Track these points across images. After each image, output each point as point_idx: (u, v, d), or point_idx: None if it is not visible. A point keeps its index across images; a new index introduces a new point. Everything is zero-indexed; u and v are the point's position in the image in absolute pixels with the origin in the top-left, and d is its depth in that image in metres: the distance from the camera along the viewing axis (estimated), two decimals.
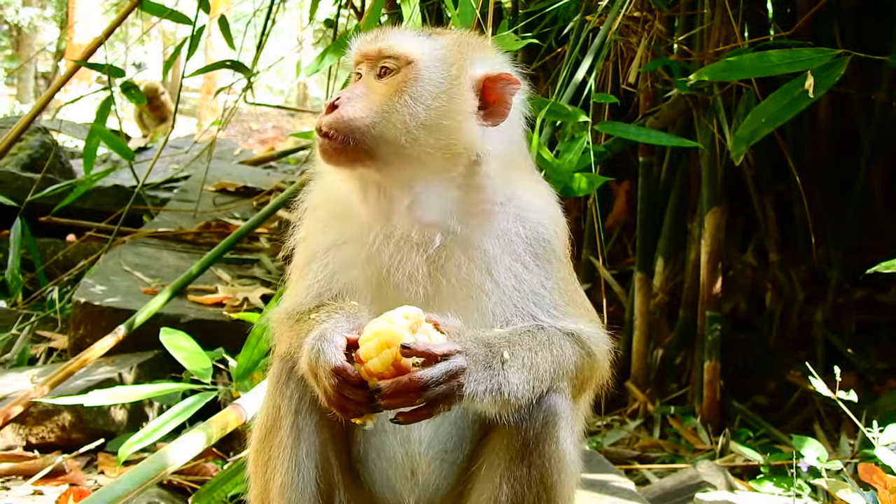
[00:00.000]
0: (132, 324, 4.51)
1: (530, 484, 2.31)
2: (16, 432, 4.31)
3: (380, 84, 2.39)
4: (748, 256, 6.49)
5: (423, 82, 2.39)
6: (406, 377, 2.08)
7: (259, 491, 2.48)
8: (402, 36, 2.46)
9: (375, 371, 2.09)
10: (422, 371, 2.09)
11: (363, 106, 2.35)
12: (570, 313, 2.47)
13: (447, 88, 2.40)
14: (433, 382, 2.09)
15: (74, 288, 6.03)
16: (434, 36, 2.48)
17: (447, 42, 2.47)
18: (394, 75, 2.39)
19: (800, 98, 3.61)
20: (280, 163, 12.21)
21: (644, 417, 5.51)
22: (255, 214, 5.68)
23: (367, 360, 2.10)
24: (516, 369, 2.21)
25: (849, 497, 3.22)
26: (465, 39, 2.53)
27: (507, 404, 2.22)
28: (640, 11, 4.71)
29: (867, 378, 5.68)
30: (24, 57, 24.88)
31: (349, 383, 2.14)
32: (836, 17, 5.88)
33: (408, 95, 2.36)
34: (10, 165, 8.55)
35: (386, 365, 2.09)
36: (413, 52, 2.41)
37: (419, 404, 2.10)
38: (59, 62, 22.35)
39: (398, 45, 2.41)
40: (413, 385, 2.08)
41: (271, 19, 7.17)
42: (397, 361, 2.09)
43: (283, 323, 2.51)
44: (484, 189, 2.43)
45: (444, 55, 2.43)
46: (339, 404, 2.18)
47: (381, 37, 2.45)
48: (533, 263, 2.45)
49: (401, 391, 2.08)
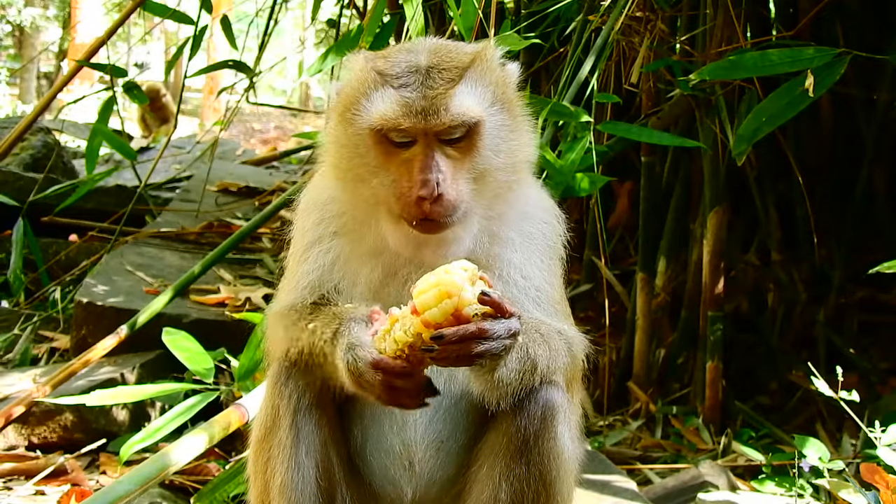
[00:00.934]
0: (134, 324, 4.52)
1: (529, 481, 2.32)
2: (18, 432, 4.31)
3: (453, 151, 2.33)
4: (750, 256, 6.49)
5: (494, 131, 2.38)
6: (474, 325, 2.06)
7: (259, 491, 2.48)
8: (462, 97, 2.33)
9: (433, 321, 2.05)
10: (489, 323, 2.08)
11: (461, 185, 2.32)
12: (560, 313, 2.54)
13: (511, 120, 2.43)
14: (496, 336, 2.09)
15: (76, 288, 6.03)
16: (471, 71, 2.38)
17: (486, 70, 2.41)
18: (466, 140, 2.34)
19: (800, 97, 3.61)
20: (282, 163, 12.22)
21: (646, 417, 5.50)
22: (258, 214, 5.67)
23: (424, 311, 2.06)
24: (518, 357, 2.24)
25: (851, 497, 3.23)
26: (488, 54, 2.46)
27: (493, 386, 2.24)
28: (643, 11, 4.70)
29: (869, 378, 5.67)
30: (26, 57, 24.88)
31: (393, 373, 2.14)
32: (839, 17, 5.87)
33: (489, 151, 2.36)
34: (12, 165, 8.57)
35: (446, 315, 2.05)
36: (477, 112, 2.34)
37: (474, 353, 2.08)
38: (62, 62, 22.35)
39: (466, 112, 2.31)
40: (480, 334, 2.07)
41: (273, 19, 7.19)
42: (458, 311, 2.06)
43: (279, 322, 2.51)
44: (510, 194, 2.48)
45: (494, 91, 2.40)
46: (393, 399, 2.19)
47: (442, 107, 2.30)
48: (539, 261, 2.51)
49: (466, 338, 2.06)
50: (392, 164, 2.34)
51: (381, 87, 2.35)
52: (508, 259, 2.48)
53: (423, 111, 2.28)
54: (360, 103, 2.36)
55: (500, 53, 2.53)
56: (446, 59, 2.38)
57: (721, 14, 4.84)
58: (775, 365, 5.98)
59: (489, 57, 2.46)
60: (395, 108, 2.30)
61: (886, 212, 6.24)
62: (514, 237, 2.51)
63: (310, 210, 2.62)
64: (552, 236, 2.57)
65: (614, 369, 5.83)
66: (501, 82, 2.44)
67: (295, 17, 30.85)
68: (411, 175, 2.29)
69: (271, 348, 2.59)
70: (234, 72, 7.28)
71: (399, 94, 2.31)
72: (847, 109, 6.18)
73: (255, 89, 7.10)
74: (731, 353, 5.52)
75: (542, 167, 3.80)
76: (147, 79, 18.20)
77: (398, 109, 2.30)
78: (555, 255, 2.58)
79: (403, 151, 2.33)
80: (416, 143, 2.32)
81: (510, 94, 2.47)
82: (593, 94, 4.19)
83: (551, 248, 2.57)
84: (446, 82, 2.32)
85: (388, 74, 2.35)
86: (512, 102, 2.46)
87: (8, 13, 24.62)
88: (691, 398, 5.55)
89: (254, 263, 6.56)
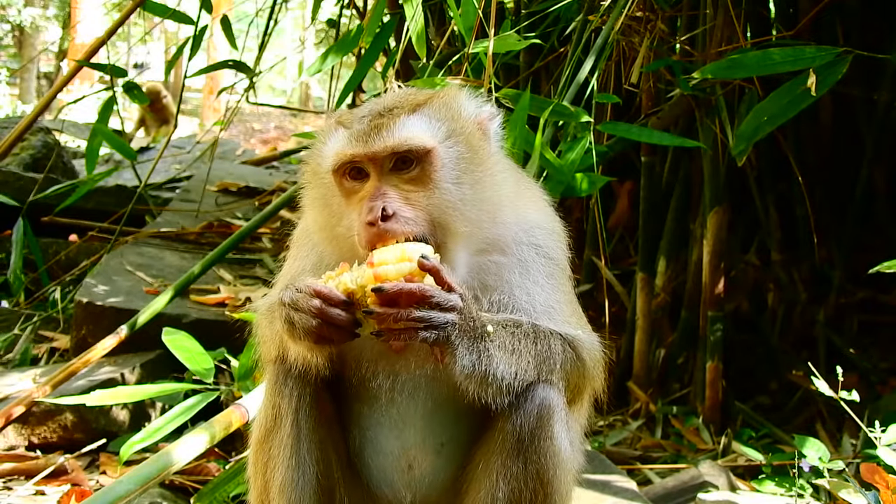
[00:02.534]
0: (134, 324, 4.52)
1: (527, 479, 2.32)
2: (18, 432, 4.31)
3: (407, 184, 2.34)
4: (750, 256, 6.49)
5: (451, 163, 2.39)
6: (415, 284, 2.11)
7: (259, 491, 2.49)
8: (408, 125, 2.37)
9: (385, 276, 2.10)
10: (430, 287, 2.13)
11: (415, 209, 2.31)
12: (571, 322, 2.54)
13: (471, 154, 2.43)
14: (436, 303, 2.13)
15: (76, 288, 6.04)
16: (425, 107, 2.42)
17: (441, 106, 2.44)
18: (418, 170, 2.35)
19: (801, 96, 3.62)
20: (282, 163, 12.21)
21: (646, 417, 5.50)
22: (258, 214, 5.68)
23: (379, 265, 2.12)
24: (498, 346, 2.25)
25: (851, 497, 3.22)
26: (447, 94, 2.51)
27: (484, 378, 2.24)
28: (643, 11, 4.70)
29: (869, 378, 5.67)
30: (26, 57, 24.87)
31: (332, 303, 2.16)
32: (839, 16, 5.87)
33: (448, 184, 2.36)
34: (12, 165, 8.56)
35: (400, 275, 2.11)
36: (424, 140, 2.36)
37: (410, 323, 2.11)
38: (62, 62, 22.35)
39: (410, 138, 2.34)
40: (418, 293, 2.11)
41: (273, 19, 7.18)
42: (410, 276, 2.11)
43: (265, 317, 2.53)
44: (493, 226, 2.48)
45: (450, 125, 2.41)
46: (319, 334, 2.20)
47: (385, 132, 2.34)
48: (544, 280, 2.52)
49: (404, 295, 2.10)
50: (352, 205, 2.37)
51: (336, 130, 2.43)
52: (508, 280, 2.48)
53: (366, 137, 2.34)
54: (321, 151, 2.45)
55: (470, 95, 2.55)
56: (404, 101, 2.44)
57: (721, 14, 4.84)
58: (775, 365, 5.98)
59: (450, 95, 2.50)
60: (342, 142, 2.38)
61: (886, 212, 6.24)
62: (512, 262, 2.50)
63: (301, 244, 2.67)
64: (555, 255, 2.58)
65: (614, 369, 5.83)
66: (461, 118, 2.45)
67: (295, 17, 30.87)
68: (364, 206, 2.31)
69: (262, 349, 2.60)
70: (234, 72, 7.27)
71: (348, 131, 2.39)
72: (847, 109, 6.18)
73: (255, 89, 7.10)
74: (731, 353, 5.52)
75: (543, 167, 3.80)
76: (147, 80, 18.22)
77: (345, 142, 2.37)
78: (559, 272, 2.58)
79: (359, 188, 2.36)
80: (370, 178, 2.35)
81: (471, 129, 2.46)
82: (593, 94, 4.19)
83: (554, 265, 2.57)
84: (394, 115, 2.37)
85: (345, 121, 2.44)
86: (473, 137, 2.45)
87: (8, 13, 24.63)
88: (691, 398, 5.55)
89: (254, 263, 6.57)
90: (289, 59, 20.28)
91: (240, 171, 10.42)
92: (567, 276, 2.62)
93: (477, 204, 2.40)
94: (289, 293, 2.25)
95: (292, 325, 2.22)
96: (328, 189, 2.44)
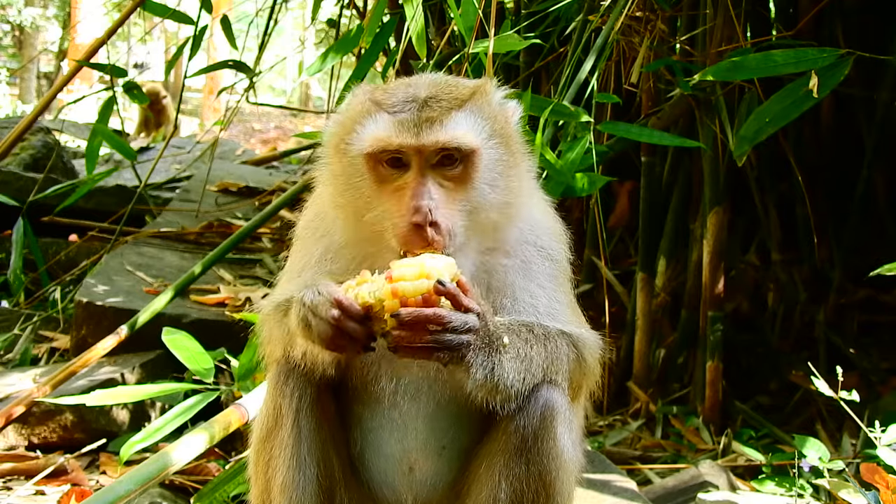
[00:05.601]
0: (134, 324, 4.52)
1: (529, 481, 2.32)
2: (18, 432, 4.31)
3: (447, 181, 2.30)
4: (750, 256, 6.49)
5: (490, 165, 2.36)
6: (432, 310, 2.09)
7: (260, 491, 2.49)
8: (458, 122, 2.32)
9: (403, 293, 2.09)
10: (447, 311, 2.12)
11: (454, 217, 2.27)
12: (572, 320, 2.53)
13: (508, 157, 2.41)
14: (451, 328, 2.12)
15: (76, 288, 6.04)
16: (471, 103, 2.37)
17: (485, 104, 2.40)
18: (461, 169, 2.31)
19: (804, 98, 3.61)
20: (282, 163, 12.22)
21: (646, 417, 5.50)
22: (258, 214, 5.68)
23: (397, 281, 2.10)
24: (511, 357, 2.24)
25: (851, 497, 3.22)
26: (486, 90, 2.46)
27: (495, 389, 2.24)
28: (643, 11, 4.71)
29: (869, 378, 5.67)
30: (26, 57, 24.90)
31: (351, 315, 2.14)
32: (839, 16, 5.87)
33: (484, 185, 2.34)
34: (12, 165, 8.56)
35: (417, 293, 2.09)
36: (473, 141, 2.32)
37: (425, 343, 2.11)
38: (62, 62, 22.36)
39: (461, 137, 2.29)
40: (435, 318, 2.10)
41: (273, 19, 7.18)
42: (428, 295, 2.10)
43: (272, 317, 2.51)
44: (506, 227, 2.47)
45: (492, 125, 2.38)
46: (334, 342, 2.18)
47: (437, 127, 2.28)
48: (547, 282, 2.51)
49: (421, 321, 2.09)
50: (385, 193, 2.31)
51: (376, 113, 2.34)
52: (511, 283, 2.47)
53: (416, 129, 2.27)
54: (354, 131, 2.35)
55: (501, 92, 2.52)
56: (445, 91, 2.37)
57: (721, 14, 4.84)
58: (775, 365, 5.98)
59: (489, 91, 2.46)
60: (387, 129, 2.29)
61: (887, 212, 6.24)
62: (516, 263, 2.49)
63: (307, 236, 2.62)
64: (557, 257, 2.57)
65: (614, 369, 5.83)
66: (501, 118, 2.43)
67: (295, 17, 30.85)
68: (403, 202, 2.26)
69: (267, 348, 2.59)
70: (234, 72, 7.27)
71: (393, 117, 2.30)
72: (847, 109, 6.18)
73: (255, 89, 7.09)
74: (730, 353, 5.52)
75: (543, 167, 3.80)
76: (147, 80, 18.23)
77: (391, 129, 2.29)
78: (561, 273, 2.57)
79: (397, 178, 2.30)
80: (410, 169, 2.29)
81: (510, 131, 2.45)
82: (593, 94, 4.19)
83: (557, 267, 2.56)
84: (443, 109, 2.31)
85: (384, 103, 2.35)
86: (511, 139, 2.44)
87: (8, 13, 24.63)
88: (691, 398, 5.55)
89: (254, 263, 6.56)
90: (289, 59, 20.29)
91: (240, 171, 10.42)
92: (568, 277, 2.62)
93: (503, 207, 2.39)
94: (310, 294, 2.21)
95: (308, 327, 2.20)
96: (356, 171, 2.36)
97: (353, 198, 2.38)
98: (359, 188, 2.36)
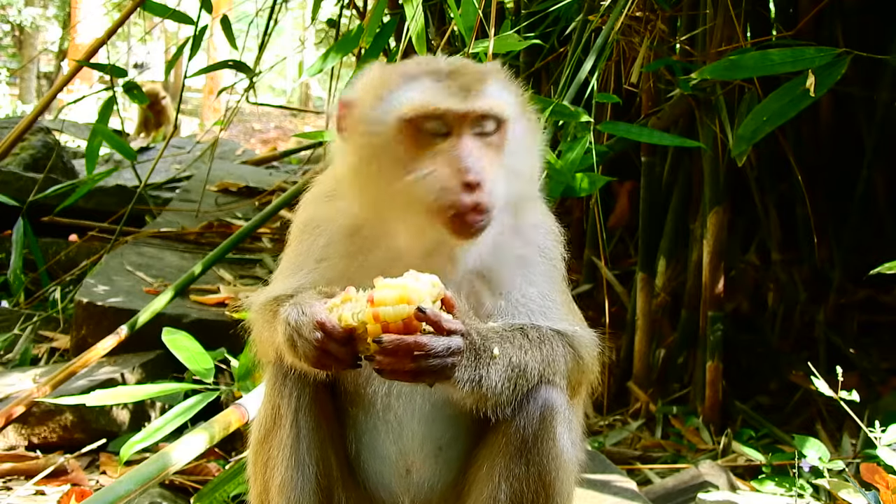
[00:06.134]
0: (134, 324, 4.52)
1: (528, 481, 2.30)
2: (18, 432, 4.31)
3: (484, 145, 2.27)
4: (750, 256, 6.49)
5: (519, 135, 2.38)
6: (413, 338, 2.06)
7: (259, 491, 2.48)
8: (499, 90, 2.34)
9: (384, 318, 2.07)
10: (428, 338, 2.08)
11: (496, 178, 2.26)
12: (567, 319, 2.51)
13: (529, 131, 2.44)
14: (434, 353, 2.09)
15: (76, 288, 6.03)
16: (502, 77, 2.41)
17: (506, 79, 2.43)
18: (493, 135, 2.30)
19: (801, 97, 3.61)
20: (282, 163, 12.23)
21: (646, 417, 5.50)
22: (258, 214, 5.67)
23: (378, 306, 2.07)
24: (502, 367, 2.22)
25: (851, 497, 3.22)
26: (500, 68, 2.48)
27: (483, 398, 2.22)
28: (643, 11, 4.71)
29: (869, 378, 5.67)
30: (26, 57, 24.90)
31: (334, 338, 2.13)
32: (839, 16, 5.87)
33: (513, 156, 2.34)
34: (12, 165, 8.56)
35: (398, 318, 2.07)
36: (508, 107, 2.33)
37: (409, 368, 2.09)
38: (62, 62, 22.37)
39: (500, 102, 2.30)
40: (417, 347, 2.07)
41: (273, 19, 7.19)
42: (409, 319, 2.07)
43: (261, 316, 2.50)
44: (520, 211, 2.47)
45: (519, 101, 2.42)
46: (320, 362, 2.17)
47: (480, 91, 2.28)
48: (544, 281, 2.50)
49: (402, 349, 2.06)
50: (424, 159, 2.25)
51: (410, 81, 2.32)
52: (511, 277, 2.45)
53: (462, 94, 2.26)
54: (384, 100, 2.31)
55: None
56: (470, 66, 2.39)
57: (721, 14, 4.84)
58: (775, 365, 5.98)
59: (504, 71, 2.49)
60: (433, 94, 2.26)
61: (887, 212, 6.24)
62: (517, 255, 2.48)
63: (306, 229, 2.57)
64: (554, 257, 2.56)
65: (614, 369, 5.83)
66: (519, 96, 2.46)
67: (295, 17, 30.86)
68: (453, 164, 2.21)
69: (259, 346, 2.58)
70: (234, 72, 7.27)
71: (437, 83, 2.29)
72: (847, 109, 6.18)
73: (255, 89, 7.09)
74: (730, 353, 5.52)
75: (542, 167, 3.79)
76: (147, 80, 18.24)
77: (437, 94, 2.26)
78: (557, 273, 2.56)
79: (437, 143, 2.25)
80: (451, 134, 2.25)
81: (528, 110, 2.49)
82: (593, 94, 4.19)
83: (552, 265, 2.55)
84: (479, 78, 2.31)
85: (412, 73, 2.34)
86: (531, 118, 2.48)
87: (8, 13, 24.63)
88: (691, 398, 5.55)
89: (254, 263, 6.56)
90: (289, 59, 20.28)
91: (240, 171, 10.42)
92: (564, 277, 2.60)
93: (525, 181, 2.43)
94: (294, 313, 2.18)
95: (294, 346, 2.19)
96: (386, 139, 2.29)
97: (386, 165, 2.30)
98: (393, 155, 2.29)
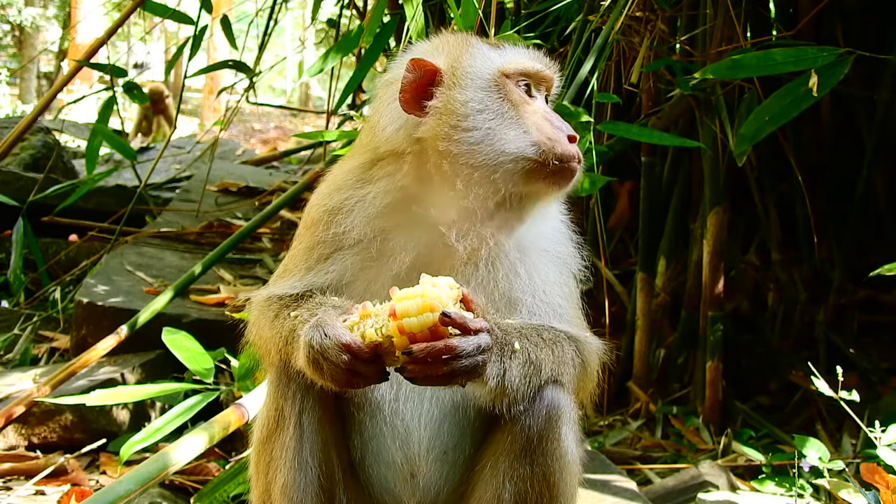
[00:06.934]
0: (134, 324, 4.52)
1: (533, 481, 2.31)
2: (18, 432, 4.31)
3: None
4: (750, 256, 6.49)
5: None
6: (442, 343, 2.08)
7: (261, 492, 2.47)
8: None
9: (409, 329, 2.07)
10: (458, 340, 2.09)
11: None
12: (579, 324, 2.55)
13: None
14: (465, 354, 2.10)
15: (76, 288, 6.04)
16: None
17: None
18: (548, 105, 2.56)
19: (803, 97, 3.62)
20: (282, 163, 12.23)
21: (646, 417, 5.50)
22: (258, 214, 5.68)
23: (402, 318, 2.08)
24: (521, 362, 2.23)
25: (851, 497, 3.23)
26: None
27: (502, 392, 2.23)
28: (643, 11, 4.71)
29: (869, 378, 5.67)
30: (26, 57, 24.88)
31: (361, 359, 2.13)
32: (839, 16, 5.87)
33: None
34: (12, 165, 8.56)
35: (423, 327, 2.07)
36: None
37: (442, 372, 2.10)
38: (62, 62, 22.35)
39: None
40: (447, 351, 2.08)
41: (273, 19, 7.18)
42: (434, 327, 2.08)
43: (263, 313, 2.50)
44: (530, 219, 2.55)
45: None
46: (349, 383, 2.18)
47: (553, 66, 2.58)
48: (560, 284, 2.53)
49: (434, 355, 2.07)
50: (525, 113, 2.45)
51: (500, 45, 2.56)
52: (530, 278, 2.48)
53: (544, 60, 2.56)
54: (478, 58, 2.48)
55: None
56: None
57: (721, 14, 4.84)
58: (775, 365, 5.98)
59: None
60: (524, 56, 2.52)
61: (887, 212, 6.24)
62: (538, 249, 2.53)
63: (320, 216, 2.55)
64: (570, 260, 2.60)
65: (614, 369, 5.83)
66: None
67: (295, 17, 30.89)
68: (548, 120, 2.44)
69: (259, 344, 2.57)
70: (234, 72, 7.27)
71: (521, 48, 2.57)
72: (847, 109, 6.18)
73: (255, 89, 7.09)
74: (731, 353, 5.52)
75: None
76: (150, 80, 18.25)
77: (528, 56, 2.53)
78: (571, 277, 2.59)
79: (526, 101, 2.46)
80: (535, 98, 2.49)
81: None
82: (593, 94, 4.20)
83: (565, 266, 2.58)
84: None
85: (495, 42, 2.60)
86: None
87: (8, 13, 24.62)
88: (691, 398, 5.55)
89: (254, 263, 6.56)
90: (289, 59, 20.30)
91: (240, 171, 10.42)
92: (575, 277, 2.62)
93: None
94: (317, 336, 2.17)
95: (320, 370, 2.18)
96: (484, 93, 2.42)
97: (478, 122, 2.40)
98: (493, 109, 2.42)
